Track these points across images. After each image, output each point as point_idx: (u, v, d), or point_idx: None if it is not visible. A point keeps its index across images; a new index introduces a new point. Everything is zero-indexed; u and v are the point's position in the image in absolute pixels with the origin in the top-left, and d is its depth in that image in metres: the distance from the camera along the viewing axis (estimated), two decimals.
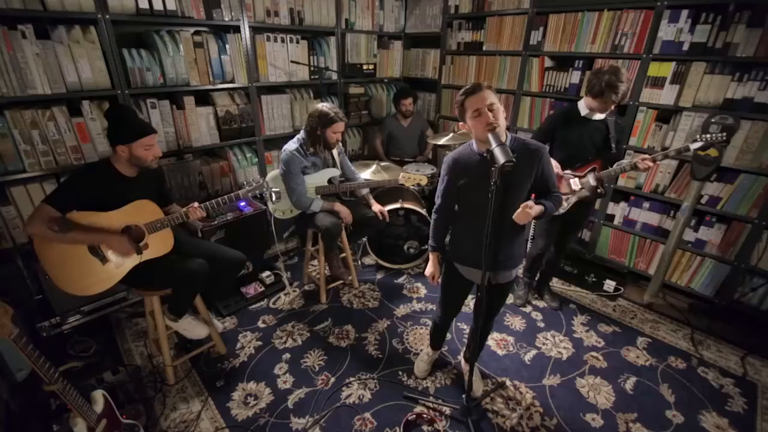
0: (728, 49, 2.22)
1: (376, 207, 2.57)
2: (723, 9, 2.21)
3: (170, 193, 2.02)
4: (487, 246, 1.42)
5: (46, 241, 1.59)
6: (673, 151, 2.12)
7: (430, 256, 1.80)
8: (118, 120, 1.72)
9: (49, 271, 1.62)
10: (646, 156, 2.11)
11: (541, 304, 2.67)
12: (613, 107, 2.06)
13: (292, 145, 2.36)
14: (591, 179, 2.17)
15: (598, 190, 2.17)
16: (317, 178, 2.45)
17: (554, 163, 2.21)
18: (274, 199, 2.07)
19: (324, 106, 2.30)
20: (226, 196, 1.95)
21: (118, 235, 1.69)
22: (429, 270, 1.81)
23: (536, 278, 2.72)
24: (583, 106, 2.15)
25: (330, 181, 2.51)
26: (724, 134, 2.03)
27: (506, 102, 3.31)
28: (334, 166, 2.54)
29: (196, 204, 1.87)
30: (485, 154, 1.42)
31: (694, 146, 2.08)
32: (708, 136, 2.06)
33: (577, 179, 2.19)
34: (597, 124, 2.15)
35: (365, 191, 2.66)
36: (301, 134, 2.39)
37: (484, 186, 1.44)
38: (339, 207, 2.42)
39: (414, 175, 2.52)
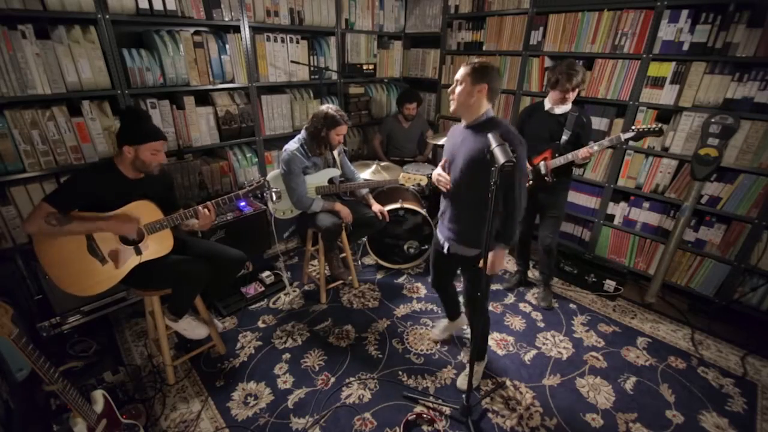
0: (728, 49, 2.22)
1: (375, 207, 2.57)
2: (723, 9, 2.21)
3: (177, 201, 2.01)
4: (489, 226, 1.45)
5: (47, 239, 1.58)
6: (606, 141, 2.18)
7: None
8: (133, 120, 1.74)
9: (49, 271, 1.62)
10: (586, 147, 2.20)
11: (542, 303, 2.67)
12: (566, 96, 2.19)
13: (292, 145, 2.36)
14: (542, 168, 2.31)
15: (546, 178, 2.31)
16: (318, 178, 2.45)
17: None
18: (274, 199, 2.06)
19: (330, 107, 2.32)
20: (225, 197, 1.94)
21: (116, 218, 1.67)
22: (434, 174, 1.76)
23: (527, 266, 2.84)
24: (547, 100, 2.32)
25: (330, 181, 2.51)
26: (659, 125, 2.08)
27: (506, 102, 3.31)
28: (335, 166, 2.54)
29: (209, 204, 1.87)
30: (467, 128, 1.61)
31: (625, 136, 2.13)
32: (642, 127, 2.11)
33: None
34: (557, 117, 2.30)
35: (365, 191, 2.66)
36: (302, 134, 2.39)
37: (457, 159, 1.62)
38: (339, 207, 2.42)
39: (414, 175, 2.52)
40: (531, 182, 2.36)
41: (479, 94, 1.53)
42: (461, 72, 1.55)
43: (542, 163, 2.30)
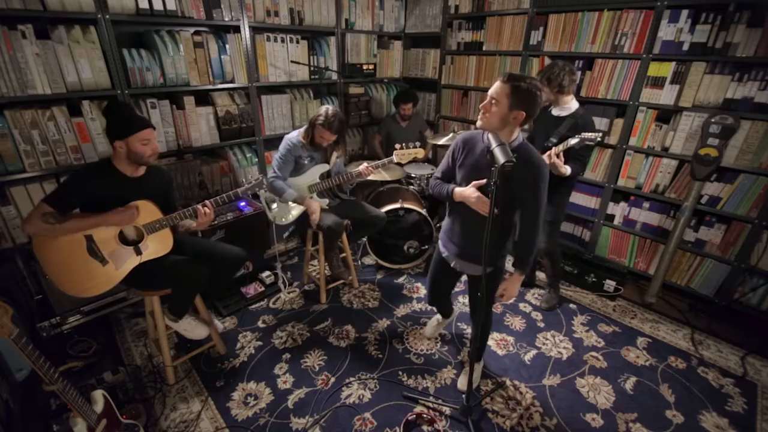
0: (728, 49, 2.22)
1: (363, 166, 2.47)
2: (723, 9, 2.21)
3: (175, 203, 2.00)
4: (486, 240, 1.35)
5: (46, 240, 1.58)
6: (561, 146, 2.15)
7: (455, 191, 1.54)
8: (114, 115, 1.72)
9: (50, 273, 1.62)
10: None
11: (543, 305, 2.66)
12: (548, 94, 2.18)
13: (293, 133, 2.43)
14: None
15: None
16: (310, 177, 2.45)
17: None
18: (272, 208, 2.05)
19: (327, 108, 2.31)
20: (224, 195, 1.93)
21: (113, 211, 1.66)
22: (472, 193, 1.47)
23: (535, 267, 2.82)
24: None
25: (321, 177, 2.50)
26: (599, 135, 2.08)
27: None
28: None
29: (208, 204, 1.84)
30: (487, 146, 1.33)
31: (572, 142, 2.11)
32: (587, 134, 2.08)
33: None
34: (555, 120, 2.26)
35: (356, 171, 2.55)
36: (306, 125, 2.43)
37: (475, 175, 1.43)
38: (309, 202, 2.37)
39: (408, 151, 2.45)
40: None
41: (514, 121, 1.34)
42: (499, 88, 1.32)
43: None
